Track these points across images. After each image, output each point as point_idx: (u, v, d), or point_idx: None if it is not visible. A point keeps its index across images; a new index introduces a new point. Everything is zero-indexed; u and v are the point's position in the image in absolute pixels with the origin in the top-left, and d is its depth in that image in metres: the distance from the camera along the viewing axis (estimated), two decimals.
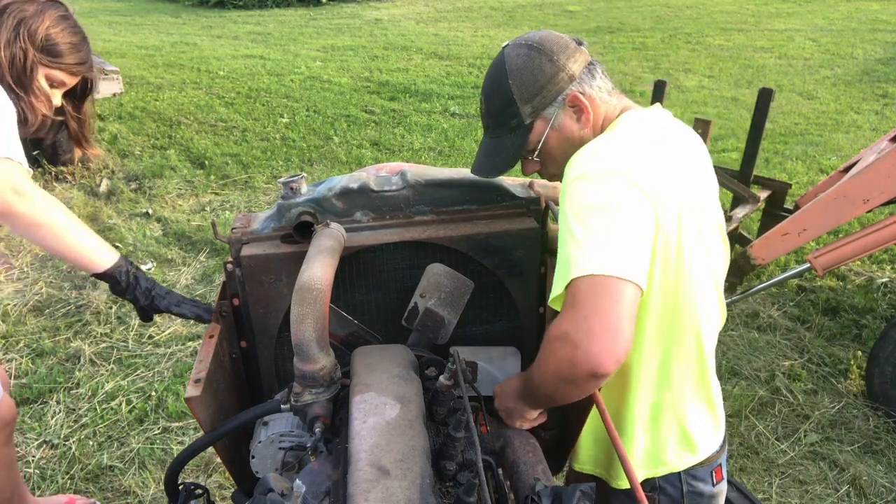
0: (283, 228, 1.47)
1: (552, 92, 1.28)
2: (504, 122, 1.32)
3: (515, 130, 1.32)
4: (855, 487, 2.73)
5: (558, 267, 1.14)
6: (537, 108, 1.29)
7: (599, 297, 1.06)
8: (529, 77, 1.28)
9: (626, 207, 1.14)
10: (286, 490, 1.06)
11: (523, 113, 1.29)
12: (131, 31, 11.93)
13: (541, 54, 1.28)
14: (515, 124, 1.31)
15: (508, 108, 1.30)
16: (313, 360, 1.21)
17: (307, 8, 14.50)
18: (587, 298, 1.07)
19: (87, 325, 3.66)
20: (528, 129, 1.31)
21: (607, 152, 1.22)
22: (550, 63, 1.28)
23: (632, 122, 1.31)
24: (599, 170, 1.17)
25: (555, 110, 1.30)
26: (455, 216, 1.55)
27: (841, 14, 12.55)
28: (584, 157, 1.22)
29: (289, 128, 6.85)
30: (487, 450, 1.33)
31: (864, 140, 6.39)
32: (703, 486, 1.46)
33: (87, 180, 5.51)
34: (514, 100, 1.29)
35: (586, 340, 1.05)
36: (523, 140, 1.32)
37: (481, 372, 1.54)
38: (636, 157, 1.22)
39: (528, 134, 1.32)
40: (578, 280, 1.08)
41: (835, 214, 2.94)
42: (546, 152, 1.34)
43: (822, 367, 3.40)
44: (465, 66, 9.38)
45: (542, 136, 1.31)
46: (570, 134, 1.32)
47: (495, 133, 1.35)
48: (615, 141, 1.26)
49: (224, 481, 2.68)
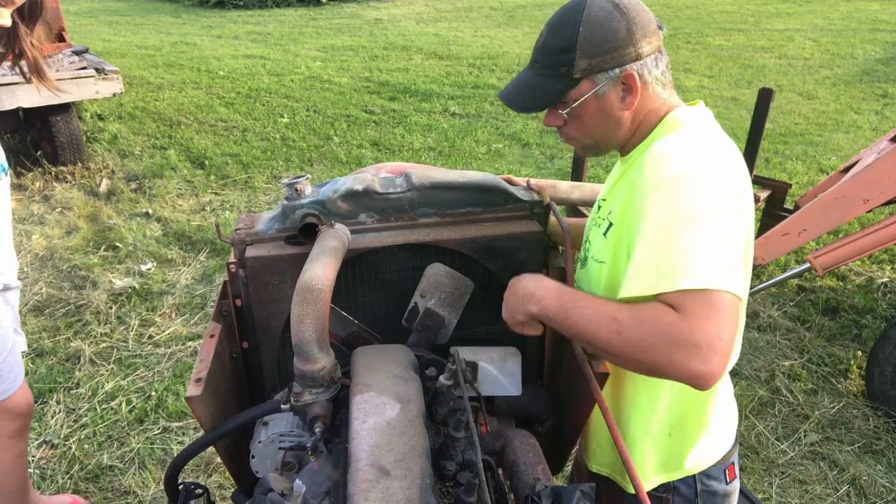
0: (288, 230, 1.47)
1: (614, 60, 1.22)
2: (554, 63, 1.24)
3: (561, 78, 1.24)
4: (855, 487, 2.73)
5: (645, 266, 1.10)
6: (593, 67, 1.22)
7: (721, 316, 1.05)
8: (601, 35, 1.20)
9: (732, 215, 1.12)
10: (286, 490, 1.06)
11: (577, 65, 1.22)
12: (131, 31, 11.93)
13: (623, 19, 1.21)
14: (564, 72, 1.23)
15: (566, 53, 1.22)
16: (313, 360, 1.21)
17: (307, 8, 14.51)
18: (710, 315, 1.05)
19: (87, 325, 3.66)
20: (573, 82, 1.24)
21: (704, 152, 1.17)
22: (627, 32, 1.21)
23: (705, 120, 1.28)
24: (702, 172, 1.13)
25: (606, 79, 1.23)
26: (459, 219, 1.55)
27: (841, 14, 12.55)
28: (679, 155, 1.17)
29: (289, 128, 6.85)
30: (487, 450, 1.33)
31: (864, 140, 6.39)
32: (716, 484, 1.44)
33: (87, 180, 5.51)
34: (575, 48, 1.21)
35: (708, 358, 1.03)
36: (564, 91, 1.25)
37: (481, 372, 1.54)
38: (730, 160, 1.19)
39: (571, 88, 1.24)
40: (695, 292, 1.05)
41: (835, 214, 2.94)
42: (578, 114, 1.28)
43: (822, 367, 3.40)
44: (465, 66, 9.38)
45: (582, 97, 1.25)
46: (608, 108, 1.26)
47: (541, 71, 1.27)
48: (704, 140, 1.22)
49: (224, 481, 2.68)
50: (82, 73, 5.16)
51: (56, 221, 4.82)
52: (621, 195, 1.27)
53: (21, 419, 2.09)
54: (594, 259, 1.34)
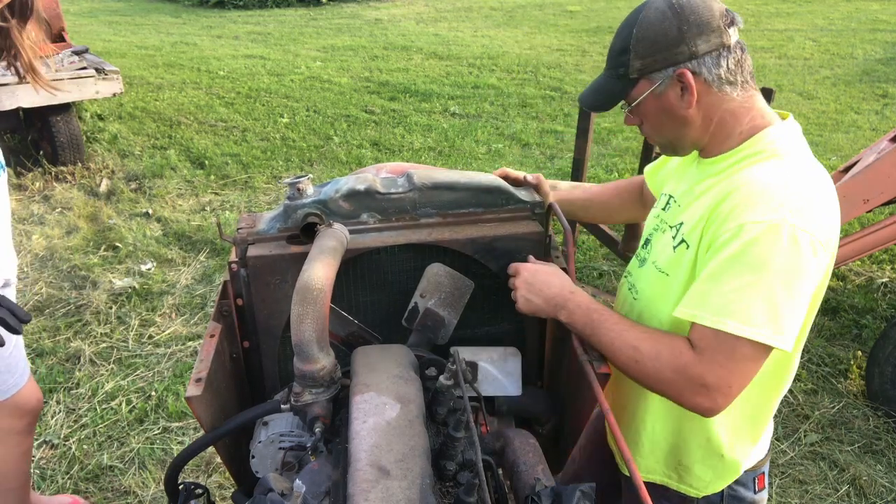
0: (290, 229, 1.47)
1: (666, 60, 1.24)
2: (615, 65, 1.30)
3: (621, 79, 1.30)
4: (855, 487, 2.73)
5: (700, 295, 1.17)
6: (647, 67, 1.26)
7: (738, 365, 1.14)
8: (651, 35, 1.24)
9: (810, 275, 1.15)
10: (286, 490, 1.06)
11: (632, 66, 1.27)
12: (131, 31, 11.93)
13: (675, 18, 1.23)
14: (622, 73, 1.29)
15: (623, 55, 1.28)
16: (313, 359, 1.21)
17: (307, 8, 14.50)
18: (726, 364, 1.14)
19: (87, 325, 3.66)
20: (631, 82, 1.29)
21: (802, 201, 1.16)
22: (678, 31, 1.22)
23: (801, 148, 1.28)
24: (794, 226, 1.13)
25: (663, 78, 1.26)
26: (461, 219, 1.55)
27: (841, 14, 12.55)
28: (776, 198, 1.16)
29: (289, 128, 6.85)
30: (487, 450, 1.33)
31: (864, 140, 6.39)
32: (744, 491, 1.44)
33: (87, 180, 5.51)
34: (629, 49, 1.26)
35: (713, 399, 1.16)
36: (624, 91, 1.31)
37: (481, 372, 1.54)
38: (826, 206, 1.20)
39: (630, 88, 1.29)
40: (722, 335, 1.13)
41: None
42: (643, 113, 1.32)
43: (822, 367, 3.40)
44: (465, 66, 9.38)
45: (640, 96, 1.29)
46: (669, 107, 1.28)
47: (607, 72, 1.34)
48: (804, 181, 1.20)
49: (224, 481, 2.68)
50: (82, 73, 5.16)
51: (56, 221, 4.82)
52: (699, 212, 1.27)
53: (30, 415, 2.10)
54: (657, 267, 1.36)
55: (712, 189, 1.28)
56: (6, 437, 2.04)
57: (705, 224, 1.24)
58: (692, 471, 1.42)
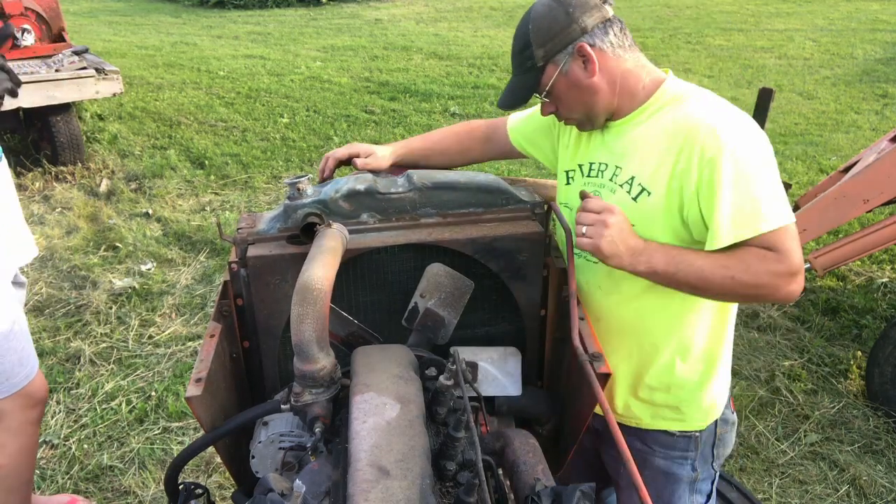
0: (290, 229, 1.47)
1: (563, 40, 1.41)
2: (522, 62, 1.46)
3: (529, 72, 1.46)
4: (855, 487, 2.73)
5: (732, 218, 1.34)
6: (549, 53, 1.42)
7: (798, 243, 1.38)
8: (546, 24, 1.42)
9: (773, 159, 1.41)
10: (286, 490, 1.06)
11: (536, 56, 1.43)
12: (131, 31, 11.93)
13: (560, 6, 1.42)
14: (530, 66, 1.45)
15: (525, 50, 1.44)
16: (313, 360, 1.21)
17: (307, 8, 14.51)
18: (795, 246, 1.35)
19: (87, 325, 3.66)
20: (539, 71, 1.44)
21: (736, 117, 1.41)
22: (566, 15, 1.41)
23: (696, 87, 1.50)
24: (749, 133, 1.38)
25: (565, 57, 1.42)
26: (461, 219, 1.55)
27: (841, 14, 12.55)
28: (724, 123, 1.37)
29: (289, 128, 6.85)
30: (487, 450, 1.32)
31: (864, 140, 6.39)
32: (728, 412, 1.70)
33: (87, 180, 5.51)
34: (530, 43, 1.43)
35: (801, 280, 1.38)
36: (535, 81, 1.46)
37: (481, 372, 1.54)
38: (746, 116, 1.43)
39: (540, 76, 1.45)
40: (782, 231, 1.34)
41: (835, 214, 2.94)
42: (556, 95, 1.47)
43: (822, 367, 3.40)
44: (465, 66, 9.38)
45: (551, 80, 1.44)
46: (576, 81, 1.44)
47: (515, 72, 1.50)
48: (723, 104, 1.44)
49: (224, 481, 2.68)
50: (82, 73, 5.16)
51: (56, 221, 4.82)
52: (652, 161, 1.43)
53: (40, 405, 2.13)
54: None
55: (649, 139, 1.45)
56: (22, 428, 2.07)
57: (668, 171, 1.40)
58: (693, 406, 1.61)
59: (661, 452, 1.65)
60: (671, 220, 1.43)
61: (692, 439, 1.63)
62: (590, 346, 1.32)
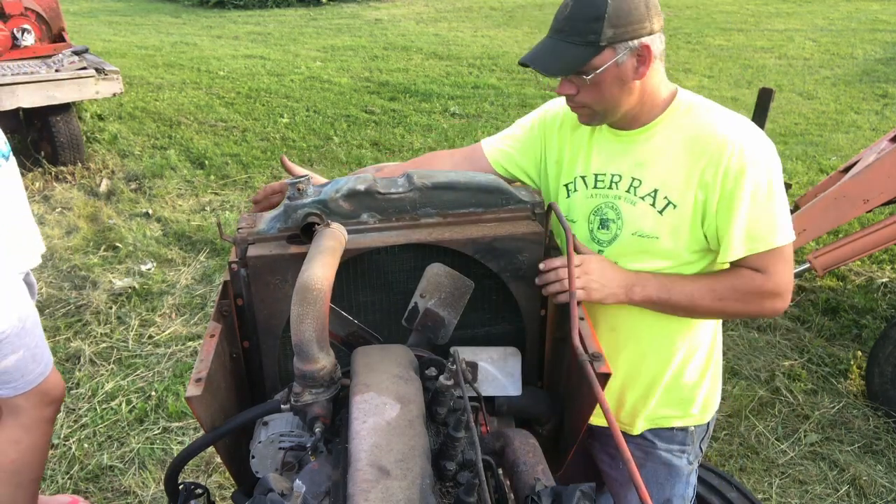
0: (290, 229, 1.47)
1: (635, 31, 1.35)
2: (583, 31, 1.35)
3: (587, 46, 1.36)
4: (855, 487, 2.73)
5: (741, 236, 1.39)
6: (617, 37, 1.35)
7: (789, 263, 1.43)
8: (626, 7, 1.34)
9: (781, 173, 1.44)
10: (286, 490, 1.06)
11: (604, 34, 1.34)
12: (131, 31, 11.93)
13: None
14: (592, 40, 1.35)
15: (595, 22, 1.34)
16: (313, 360, 1.21)
17: (307, 8, 14.50)
18: (784, 268, 1.41)
19: (87, 325, 3.66)
20: (597, 49, 1.35)
21: (759, 132, 1.44)
22: (646, 8, 1.36)
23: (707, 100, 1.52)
24: (771, 151, 1.42)
25: (626, 49, 1.36)
26: (461, 219, 1.55)
27: (841, 14, 12.55)
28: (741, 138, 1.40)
29: (289, 128, 6.85)
30: (487, 450, 1.32)
31: (864, 140, 6.39)
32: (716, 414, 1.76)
33: (87, 180, 5.51)
34: (604, 17, 1.33)
35: (786, 299, 1.45)
36: (589, 58, 1.36)
37: (481, 372, 1.54)
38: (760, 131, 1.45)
39: (595, 55, 1.36)
40: (774, 252, 1.40)
41: (835, 214, 2.94)
42: (597, 82, 1.39)
43: (822, 367, 3.40)
44: (465, 66, 9.38)
45: (604, 65, 1.37)
46: (624, 76, 1.39)
47: (567, 38, 1.38)
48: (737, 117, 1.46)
49: (224, 481, 2.68)
50: (82, 73, 5.16)
51: (56, 221, 4.82)
52: (676, 175, 1.43)
53: (56, 402, 2.15)
54: (639, 235, 1.50)
55: (670, 150, 1.45)
56: (36, 425, 2.09)
57: (692, 183, 1.42)
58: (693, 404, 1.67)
59: (663, 445, 1.69)
60: (696, 233, 1.45)
61: (689, 433, 1.68)
62: (590, 346, 1.31)
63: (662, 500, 1.73)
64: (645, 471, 1.71)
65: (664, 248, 1.48)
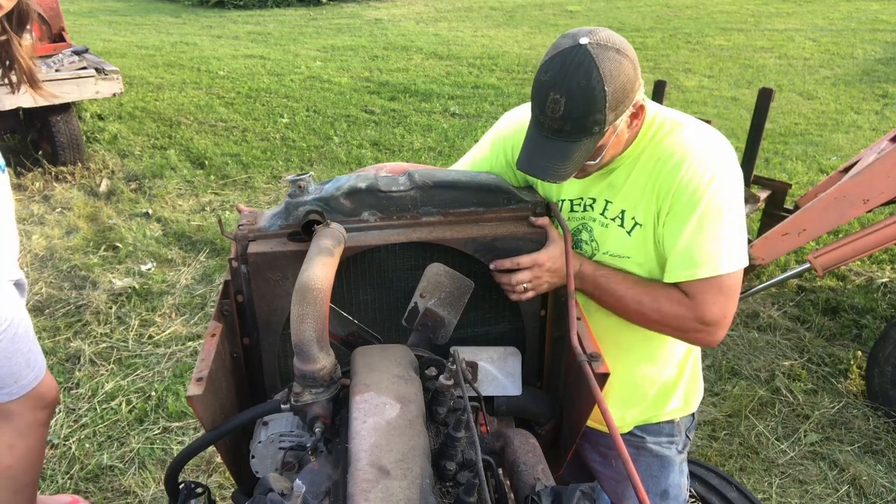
0: (291, 226, 1.47)
1: (630, 100, 1.28)
2: (586, 127, 1.26)
3: (592, 136, 1.27)
4: (855, 487, 2.73)
5: (680, 258, 1.35)
6: (618, 115, 1.27)
7: (726, 297, 1.36)
8: (622, 85, 1.24)
9: (741, 199, 1.38)
10: (286, 490, 1.06)
11: (607, 120, 1.26)
12: (131, 31, 11.94)
13: (627, 60, 1.25)
14: (596, 130, 1.26)
15: (596, 114, 1.24)
16: (313, 359, 1.21)
17: (307, 8, 14.51)
18: (716, 300, 1.35)
19: (87, 325, 3.66)
20: (601, 135, 1.28)
21: (725, 149, 1.38)
22: (634, 71, 1.26)
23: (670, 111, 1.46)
24: (732, 171, 1.36)
25: (624, 115, 1.29)
26: (461, 218, 1.55)
27: (841, 14, 12.55)
28: (703, 158, 1.34)
29: (289, 128, 6.85)
30: (487, 450, 1.33)
31: (864, 140, 6.39)
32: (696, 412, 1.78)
33: (87, 180, 5.51)
34: (605, 107, 1.23)
35: (712, 332, 1.38)
36: (594, 146, 1.30)
37: (481, 372, 1.54)
38: (726, 148, 1.39)
39: (599, 140, 1.30)
40: (709, 280, 1.34)
41: (835, 214, 2.94)
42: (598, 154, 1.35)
43: (822, 367, 3.40)
44: (465, 66, 9.38)
45: (609, 141, 1.31)
46: (623, 138, 1.36)
47: (570, 137, 1.28)
48: (711, 135, 1.40)
49: (224, 481, 2.68)
50: (82, 73, 5.16)
51: (56, 221, 4.82)
52: (636, 194, 1.42)
53: (50, 406, 2.14)
54: (611, 255, 1.50)
55: (638, 172, 1.43)
56: (30, 429, 2.08)
57: (651, 199, 1.40)
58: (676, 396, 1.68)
59: (652, 439, 1.72)
60: (659, 248, 1.43)
61: (675, 424, 1.71)
62: (588, 347, 1.32)
63: (659, 490, 1.75)
64: (638, 465, 1.72)
65: (637, 266, 1.48)
